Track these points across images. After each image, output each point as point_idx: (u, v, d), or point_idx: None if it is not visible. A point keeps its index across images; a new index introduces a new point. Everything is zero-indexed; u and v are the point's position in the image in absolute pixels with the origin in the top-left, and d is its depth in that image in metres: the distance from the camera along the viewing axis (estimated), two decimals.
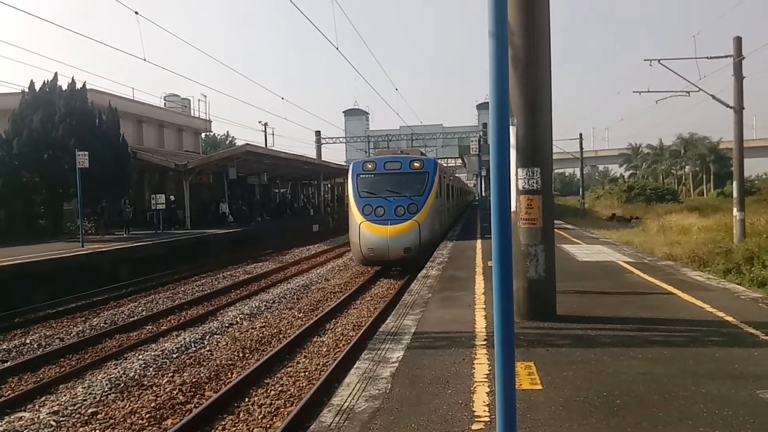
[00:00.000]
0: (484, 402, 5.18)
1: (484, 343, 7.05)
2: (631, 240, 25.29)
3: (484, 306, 9.24)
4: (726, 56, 24.06)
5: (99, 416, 7.93)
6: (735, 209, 23.80)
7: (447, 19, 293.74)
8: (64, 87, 28.37)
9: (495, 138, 3.06)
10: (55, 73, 28.52)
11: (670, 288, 10.38)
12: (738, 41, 23.70)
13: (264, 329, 12.60)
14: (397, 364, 6.39)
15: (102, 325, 13.68)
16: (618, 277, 11.93)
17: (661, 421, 4.66)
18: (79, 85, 28.77)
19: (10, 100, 29.68)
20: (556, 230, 8.97)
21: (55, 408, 8.21)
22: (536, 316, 8.04)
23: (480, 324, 8.07)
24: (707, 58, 24.50)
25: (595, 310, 8.80)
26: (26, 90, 27.89)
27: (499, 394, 3.01)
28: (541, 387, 5.50)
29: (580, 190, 61.99)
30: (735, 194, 24.19)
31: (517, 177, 7.96)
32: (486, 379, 5.75)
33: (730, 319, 7.90)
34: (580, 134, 57.06)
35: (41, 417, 7.91)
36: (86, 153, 22.07)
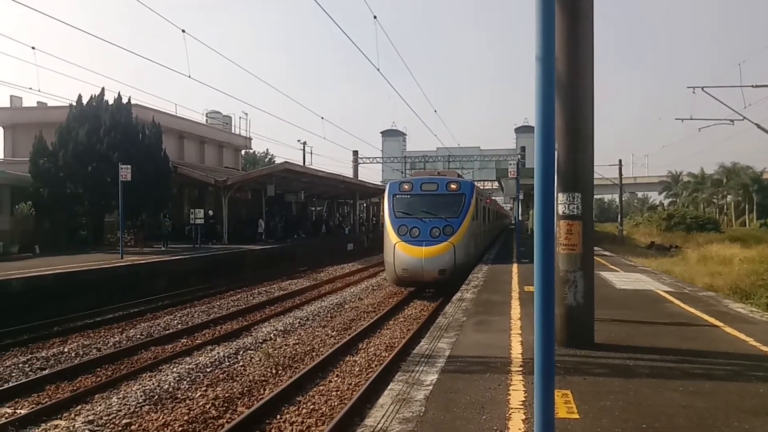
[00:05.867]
0: (519, 429, 5.10)
1: (521, 369, 6.96)
2: (671, 269, 24.77)
3: (520, 331, 9.12)
4: None
5: (133, 427, 8.00)
6: None
7: (486, 43, 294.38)
8: (110, 102, 29.05)
9: (540, 163, 3.03)
10: (102, 88, 29.22)
11: (712, 319, 10.13)
12: None
13: (297, 346, 12.62)
14: (431, 387, 6.34)
15: (138, 336, 13.86)
16: (657, 307, 11.68)
17: None
18: (124, 100, 29.43)
19: (59, 113, 30.50)
20: (593, 257, 8.83)
21: (91, 417, 8.32)
22: (573, 344, 7.91)
23: (516, 350, 7.97)
24: (752, 86, 24.19)
25: (633, 339, 8.62)
26: (74, 104, 28.64)
27: (537, 422, 2.96)
28: (578, 416, 5.39)
29: (619, 216, 61.03)
30: None
31: (557, 202, 7.87)
32: (521, 406, 5.67)
33: None
34: (620, 160, 56.37)
35: (76, 426, 8.03)
36: (129, 166, 22.49)
